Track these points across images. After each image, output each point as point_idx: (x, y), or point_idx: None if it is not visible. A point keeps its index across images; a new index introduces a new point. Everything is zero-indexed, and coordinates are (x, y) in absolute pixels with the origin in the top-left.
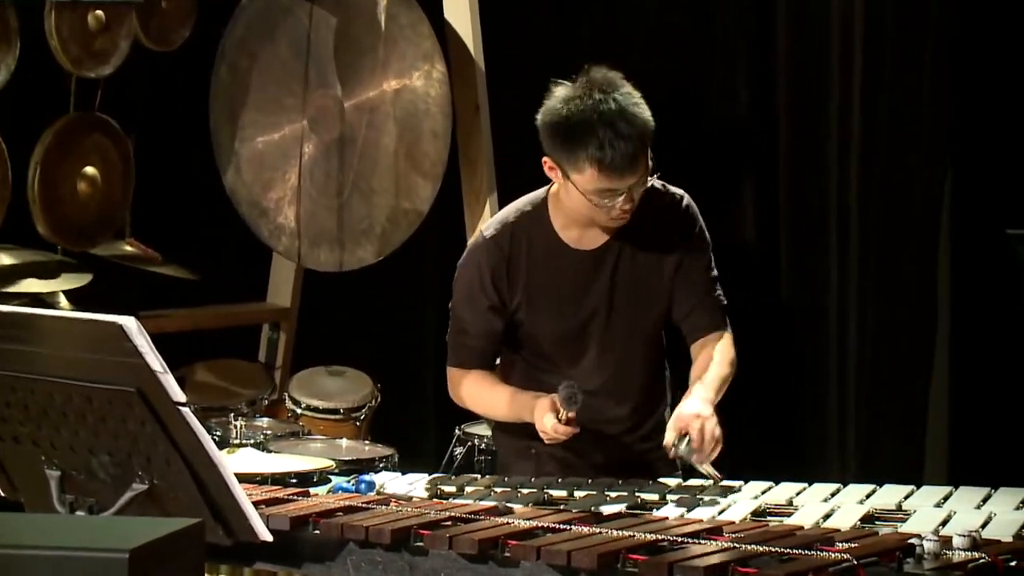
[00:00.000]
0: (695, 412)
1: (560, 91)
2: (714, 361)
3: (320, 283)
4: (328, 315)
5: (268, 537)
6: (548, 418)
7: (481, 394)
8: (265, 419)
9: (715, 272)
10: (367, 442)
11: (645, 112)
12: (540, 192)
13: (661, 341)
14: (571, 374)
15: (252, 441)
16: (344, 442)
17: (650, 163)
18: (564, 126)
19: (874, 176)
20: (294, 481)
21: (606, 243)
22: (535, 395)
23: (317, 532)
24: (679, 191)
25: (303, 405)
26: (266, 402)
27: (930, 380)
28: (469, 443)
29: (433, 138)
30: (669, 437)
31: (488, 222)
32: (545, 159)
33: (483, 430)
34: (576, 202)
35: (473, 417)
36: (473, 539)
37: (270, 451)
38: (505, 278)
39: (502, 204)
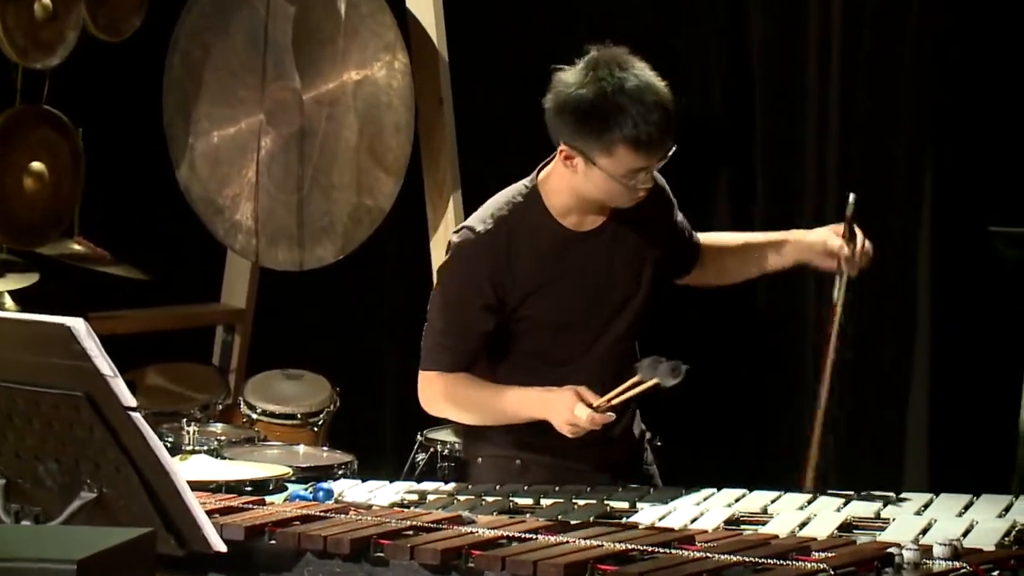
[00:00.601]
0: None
1: (569, 76)
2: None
3: (276, 283)
4: (284, 316)
5: (222, 547)
6: (581, 408)
7: (468, 396)
8: (219, 424)
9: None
10: (325, 448)
11: (664, 84)
12: (525, 182)
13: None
14: (570, 367)
15: (205, 447)
16: (301, 448)
17: None
18: (590, 109)
19: (852, 173)
20: (249, 489)
21: (604, 223)
22: (545, 389)
23: (273, 542)
24: None
25: (258, 410)
26: (220, 407)
27: (910, 383)
28: (431, 449)
29: (395, 132)
30: (834, 240)
31: (473, 217)
32: (561, 148)
33: (446, 435)
34: (598, 186)
35: (436, 422)
36: (435, 549)
37: (224, 458)
38: (506, 273)
39: (466, 201)
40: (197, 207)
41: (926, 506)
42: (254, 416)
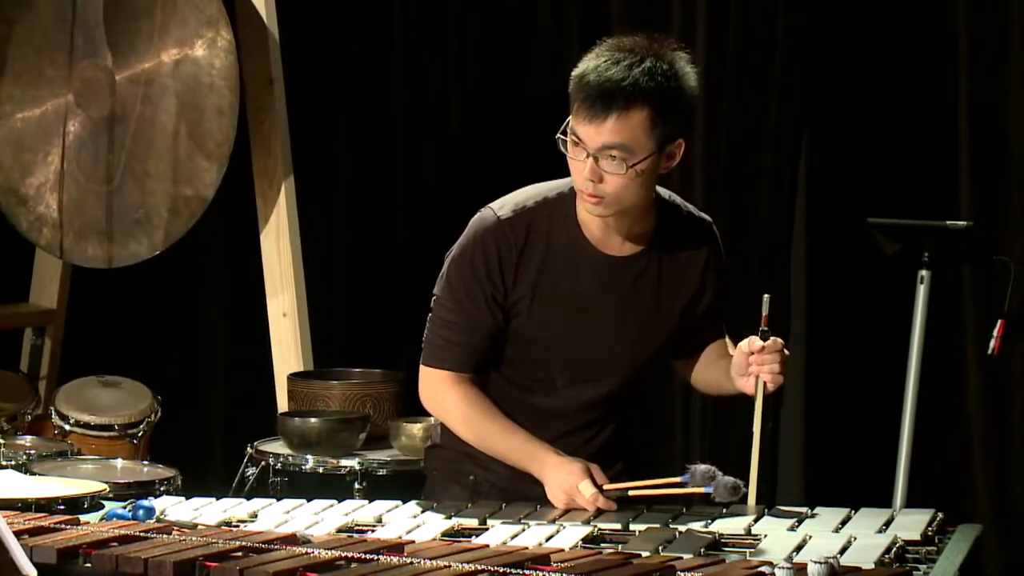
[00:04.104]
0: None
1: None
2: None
3: (91, 282)
4: (100, 318)
5: (32, 572)
6: (587, 485)
7: (477, 416)
8: (28, 437)
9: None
10: (146, 462)
11: (676, 82)
12: (566, 181)
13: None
14: (561, 394)
15: (13, 462)
16: (119, 462)
17: (642, 150)
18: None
19: (718, 164)
20: (62, 507)
21: (633, 254)
22: (557, 452)
23: (88, 565)
24: (706, 216)
25: (72, 420)
26: (29, 417)
27: (783, 386)
28: (263, 463)
29: (218, 115)
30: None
31: (499, 202)
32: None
33: (279, 448)
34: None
35: (266, 433)
36: (267, 572)
37: (34, 473)
38: (513, 269)
39: (300, 190)
40: None
41: (801, 521)
42: (67, 427)
